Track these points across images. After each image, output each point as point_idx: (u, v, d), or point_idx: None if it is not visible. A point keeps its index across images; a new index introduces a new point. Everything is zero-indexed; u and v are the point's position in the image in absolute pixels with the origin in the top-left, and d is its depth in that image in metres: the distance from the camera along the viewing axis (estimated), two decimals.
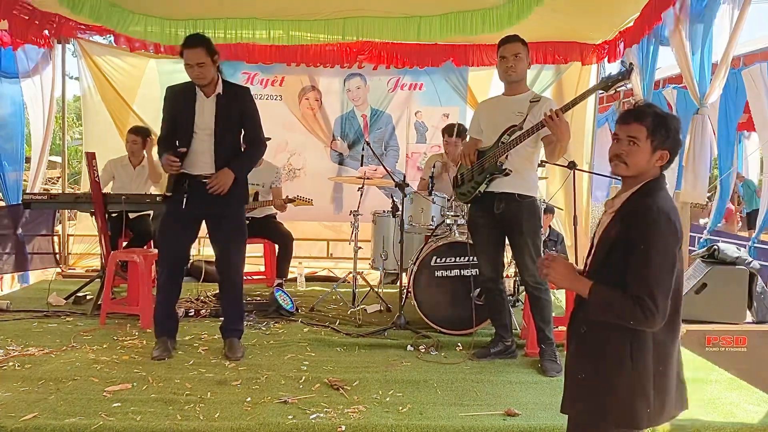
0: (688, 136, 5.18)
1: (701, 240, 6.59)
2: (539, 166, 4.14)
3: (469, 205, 4.18)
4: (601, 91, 6.58)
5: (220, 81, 3.94)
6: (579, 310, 2.06)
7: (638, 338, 1.92)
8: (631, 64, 3.27)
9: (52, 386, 3.37)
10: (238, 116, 3.98)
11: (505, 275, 4.29)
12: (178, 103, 3.94)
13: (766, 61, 5.66)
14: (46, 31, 6.50)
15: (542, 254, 3.88)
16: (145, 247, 5.54)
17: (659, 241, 1.86)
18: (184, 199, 3.91)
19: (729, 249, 4.50)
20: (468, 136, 4.30)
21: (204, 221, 4.07)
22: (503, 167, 3.82)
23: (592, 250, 2.06)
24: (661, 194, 1.97)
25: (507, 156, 3.81)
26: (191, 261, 6.86)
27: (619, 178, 2.06)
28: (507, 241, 4.05)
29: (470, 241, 4.60)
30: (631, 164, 1.98)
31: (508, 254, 4.25)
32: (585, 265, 2.10)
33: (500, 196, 3.87)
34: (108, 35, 6.99)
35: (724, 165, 6.14)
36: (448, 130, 5.67)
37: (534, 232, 3.89)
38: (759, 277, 4.39)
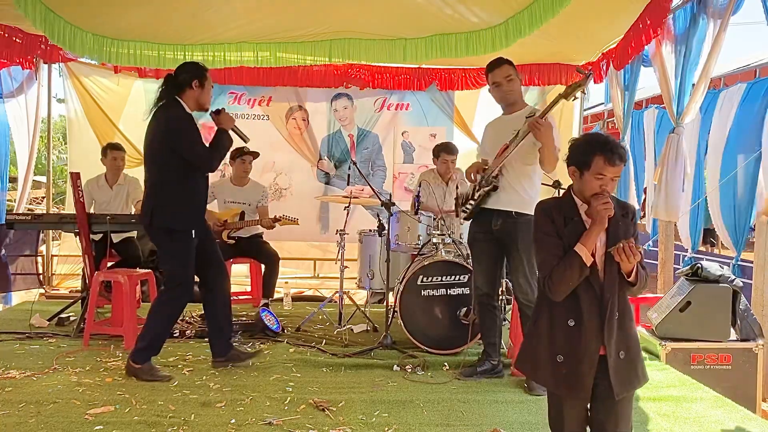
0: (662, 155, 5.24)
1: (685, 258, 6.62)
2: None
3: (470, 222, 4.20)
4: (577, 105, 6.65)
5: None
6: (610, 301, 2.23)
7: None
8: (589, 70, 3.39)
9: (33, 409, 3.32)
10: None
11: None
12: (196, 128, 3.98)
13: (746, 82, 5.73)
14: (36, 54, 6.52)
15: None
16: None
17: None
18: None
19: (712, 267, 4.52)
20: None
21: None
22: (492, 182, 3.88)
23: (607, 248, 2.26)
24: None
25: (500, 172, 3.87)
26: None
27: None
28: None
29: (456, 260, 4.62)
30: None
31: None
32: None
33: (497, 213, 3.91)
34: None
35: (702, 187, 6.20)
36: (445, 149, 5.76)
37: (529, 250, 3.87)
38: (742, 295, 4.41)
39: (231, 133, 4.10)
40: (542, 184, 4.51)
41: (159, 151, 3.90)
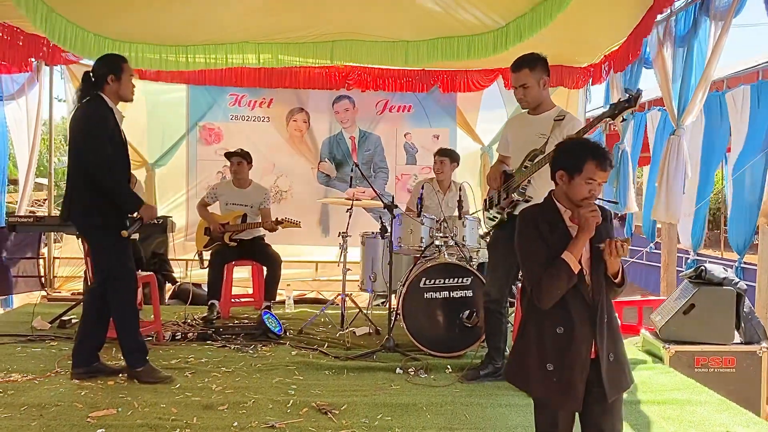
0: (662, 157, 5.22)
1: (688, 261, 6.61)
2: None
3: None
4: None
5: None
6: (600, 304, 2.24)
7: None
8: (639, 90, 3.20)
9: (35, 412, 3.31)
10: None
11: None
12: (114, 125, 3.85)
13: (749, 84, 5.73)
14: (34, 58, 6.51)
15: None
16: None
17: None
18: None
19: (716, 269, 4.50)
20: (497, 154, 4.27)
21: None
22: (524, 193, 3.79)
23: (594, 252, 2.28)
24: None
25: (530, 181, 3.78)
26: (179, 284, 6.83)
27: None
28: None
29: (459, 263, 4.61)
30: None
31: None
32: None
33: None
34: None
35: (704, 189, 6.20)
36: (438, 151, 5.78)
37: None
38: (746, 298, 4.40)
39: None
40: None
41: (74, 148, 3.82)
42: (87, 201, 3.79)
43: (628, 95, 3.17)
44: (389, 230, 4.95)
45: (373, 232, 5.59)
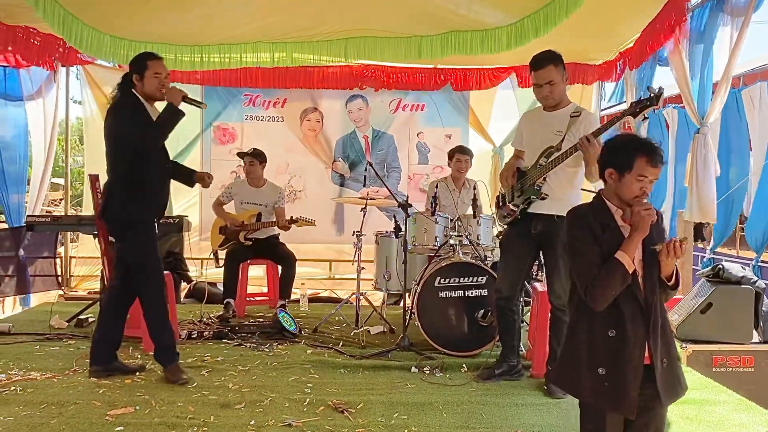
0: (689, 156, 5.16)
1: (705, 259, 6.55)
2: None
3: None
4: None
5: None
6: (653, 307, 2.17)
7: None
8: (660, 88, 3.14)
9: (54, 410, 3.34)
10: None
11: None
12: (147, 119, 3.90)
13: (766, 80, 5.67)
14: (54, 57, 6.57)
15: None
16: None
17: None
18: None
19: (734, 268, 4.46)
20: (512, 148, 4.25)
21: None
22: (540, 191, 3.77)
23: (646, 253, 2.22)
24: None
25: (545, 178, 3.76)
26: (194, 282, 6.87)
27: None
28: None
29: (474, 262, 4.60)
30: None
31: None
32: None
33: (538, 216, 3.80)
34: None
35: (724, 188, 6.12)
36: (459, 149, 5.78)
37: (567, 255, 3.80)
38: (765, 297, 4.36)
39: (185, 105, 3.97)
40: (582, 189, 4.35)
41: (108, 143, 3.89)
42: (123, 196, 3.83)
43: (650, 93, 3.12)
44: (403, 229, 4.95)
45: (387, 231, 5.60)
